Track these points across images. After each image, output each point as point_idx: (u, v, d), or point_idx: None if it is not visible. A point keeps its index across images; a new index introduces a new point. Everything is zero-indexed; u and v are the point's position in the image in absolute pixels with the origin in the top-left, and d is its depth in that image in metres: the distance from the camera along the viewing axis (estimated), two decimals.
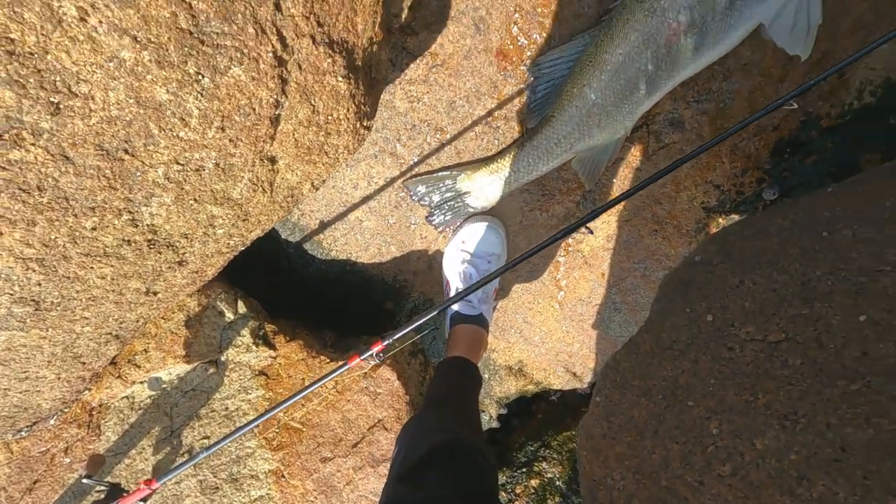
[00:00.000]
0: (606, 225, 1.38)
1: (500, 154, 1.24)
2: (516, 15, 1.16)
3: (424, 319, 0.87)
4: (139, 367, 1.27)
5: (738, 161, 1.24)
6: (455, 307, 1.39)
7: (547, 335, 1.58)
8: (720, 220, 1.32)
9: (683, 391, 0.65)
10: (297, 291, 1.62)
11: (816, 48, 1.10)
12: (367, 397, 1.27)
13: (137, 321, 1.05)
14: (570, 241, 1.42)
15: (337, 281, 1.59)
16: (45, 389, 1.11)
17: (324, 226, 1.47)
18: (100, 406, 1.31)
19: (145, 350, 1.27)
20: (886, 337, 0.52)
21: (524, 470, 1.68)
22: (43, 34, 0.53)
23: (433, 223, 1.36)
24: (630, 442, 0.63)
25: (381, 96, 1.27)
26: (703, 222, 1.33)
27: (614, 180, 1.31)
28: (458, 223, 1.38)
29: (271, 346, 1.36)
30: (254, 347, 1.34)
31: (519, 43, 1.18)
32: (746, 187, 1.27)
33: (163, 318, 1.28)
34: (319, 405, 1.30)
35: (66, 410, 1.31)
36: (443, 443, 0.93)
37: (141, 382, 1.30)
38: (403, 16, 0.85)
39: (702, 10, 0.94)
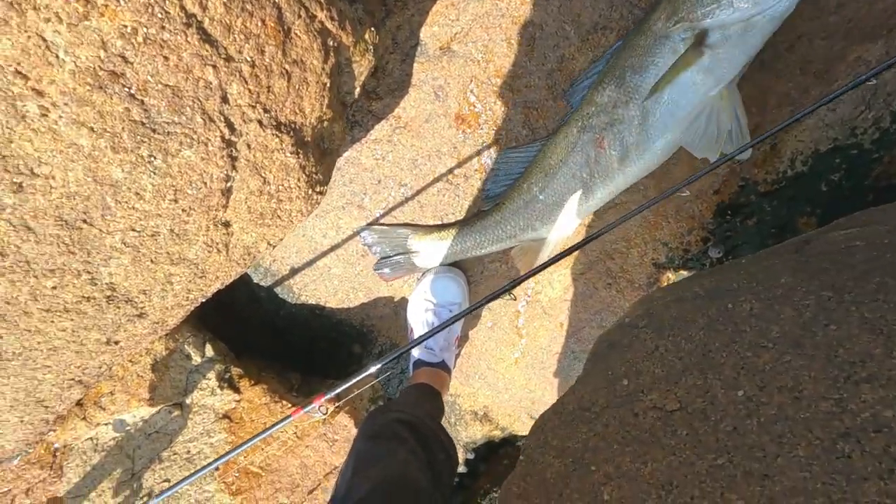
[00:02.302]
0: (563, 277, 1.44)
1: (452, 225, 1.32)
2: (472, 84, 1.25)
3: (365, 374, 0.92)
4: (104, 409, 1.30)
5: (683, 221, 1.32)
6: (417, 354, 1.43)
7: (510, 382, 1.62)
8: (670, 275, 1.39)
9: (591, 454, 0.70)
10: (266, 333, 1.66)
11: (749, 120, 1.18)
12: (324, 443, 1.30)
13: (100, 367, 1.10)
14: (529, 291, 1.48)
15: (306, 324, 1.63)
16: (7, 432, 1.14)
17: (294, 271, 1.53)
18: (63, 447, 1.34)
19: (111, 392, 1.30)
20: (754, 413, 0.57)
21: None
22: (8, 128, 0.60)
23: (378, 272, 1.42)
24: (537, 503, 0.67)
25: (349, 154, 1.36)
26: (653, 277, 1.39)
27: None
28: (403, 276, 1.44)
29: (236, 390, 1.39)
30: (218, 391, 1.38)
31: (476, 109, 1.27)
32: (692, 245, 1.34)
33: (130, 360, 1.32)
34: (279, 450, 1.33)
35: (30, 451, 1.33)
36: (405, 419, 1.02)
37: (105, 424, 1.33)
38: (356, 93, 0.93)
39: (620, 128, 1.04)
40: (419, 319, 1.45)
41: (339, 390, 0.90)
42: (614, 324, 0.97)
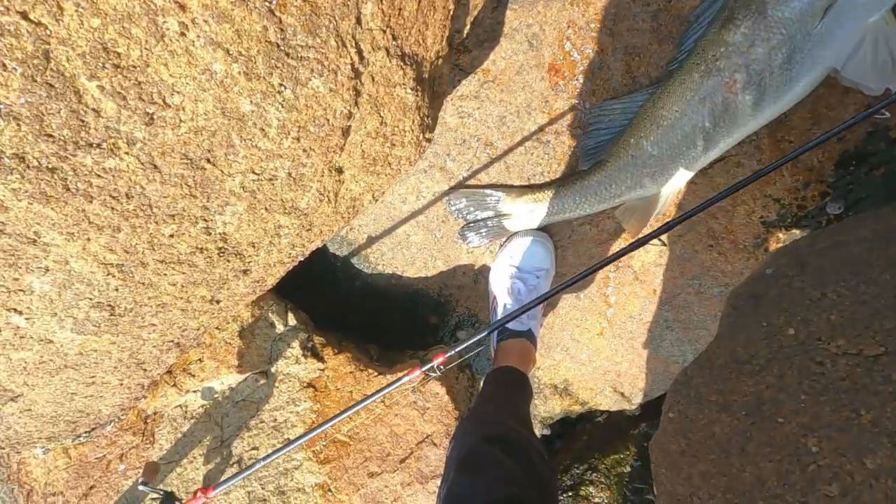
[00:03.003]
0: (657, 240, 1.35)
1: (548, 185, 1.25)
2: (569, 31, 1.17)
3: (488, 332, 0.86)
4: (194, 376, 1.29)
5: (799, 174, 1.21)
6: None
7: (594, 353, 1.54)
8: (780, 234, 1.28)
9: (770, 407, 0.62)
10: (342, 305, 1.63)
11: None
12: (415, 412, 1.26)
13: (198, 329, 1.08)
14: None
15: (382, 294, 1.60)
16: (107, 395, 1.15)
17: (371, 240, 1.49)
18: (154, 414, 1.34)
19: (200, 360, 1.30)
20: None
21: (570, 494, 1.63)
22: (146, 48, 0.56)
23: (465, 239, 1.36)
24: (715, 459, 0.60)
25: None
26: (761, 237, 1.29)
27: None
28: (491, 242, 1.38)
29: (320, 359, 1.36)
30: (302, 359, 1.36)
31: (571, 58, 1.19)
32: (809, 201, 1.23)
33: (217, 328, 1.31)
34: (367, 419, 1.30)
35: (123, 417, 1.34)
36: (497, 434, 0.95)
37: (194, 391, 1.33)
38: (466, 31, 0.87)
39: (758, 68, 0.94)
40: (503, 286, 1.39)
41: (460, 348, 0.84)
42: (751, 276, 0.89)
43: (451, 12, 0.75)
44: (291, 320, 1.39)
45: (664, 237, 0.94)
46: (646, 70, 1.17)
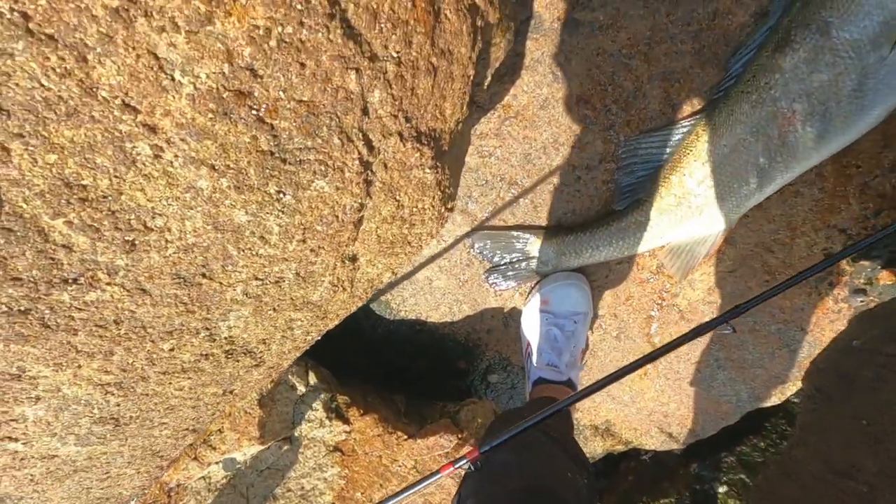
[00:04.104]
0: (706, 277, 1.22)
1: (582, 228, 1.13)
2: (598, 58, 1.04)
3: (526, 426, 0.76)
4: (214, 448, 1.23)
5: (869, 201, 1.07)
6: (539, 373, 1.27)
7: (638, 394, 1.43)
8: (847, 267, 1.14)
9: None
10: (364, 352, 1.55)
11: None
12: (450, 480, 1.17)
13: (213, 415, 1.01)
14: (664, 293, 1.28)
15: (406, 341, 1.51)
16: (125, 483, 1.08)
17: (392, 286, 1.40)
18: (178, 487, 1.28)
19: (220, 430, 1.23)
20: None
21: None
22: (116, 176, 0.47)
23: (491, 283, 1.27)
24: None
25: None
26: (825, 271, 1.15)
27: None
28: (519, 285, 1.27)
29: (345, 420, 1.28)
30: (327, 422, 1.28)
31: (602, 87, 1.07)
32: (880, 231, 1.09)
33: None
34: (399, 485, 1.21)
35: (145, 493, 1.29)
36: (539, 427, 0.88)
37: (216, 463, 1.26)
38: (487, 84, 0.76)
39: (822, 97, 0.81)
40: (536, 333, 1.28)
41: (495, 443, 0.75)
42: (835, 348, 0.76)
43: (472, 78, 0.64)
44: (312, 379, 1.31)
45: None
46: (687, 97, 1.04)
